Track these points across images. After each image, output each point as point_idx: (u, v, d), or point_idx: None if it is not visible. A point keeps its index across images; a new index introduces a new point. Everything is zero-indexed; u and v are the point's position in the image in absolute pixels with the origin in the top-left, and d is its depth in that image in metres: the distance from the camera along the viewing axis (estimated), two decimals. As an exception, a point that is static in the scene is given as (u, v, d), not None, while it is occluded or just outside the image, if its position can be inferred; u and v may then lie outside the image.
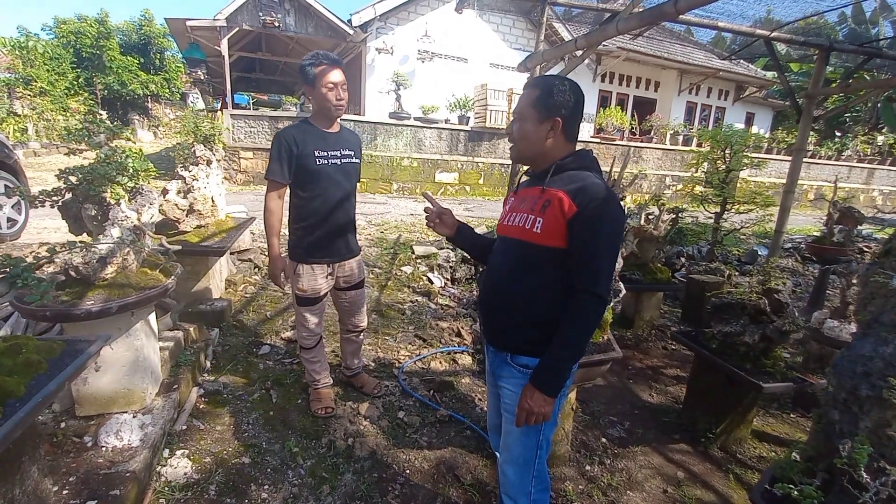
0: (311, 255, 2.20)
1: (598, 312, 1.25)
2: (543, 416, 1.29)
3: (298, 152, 2.05)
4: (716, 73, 13.32)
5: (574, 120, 1.36)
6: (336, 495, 1.93)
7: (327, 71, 2.00)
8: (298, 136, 2.06)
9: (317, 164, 2.08)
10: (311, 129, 2.12)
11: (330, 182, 2.12)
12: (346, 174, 2.19)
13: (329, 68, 2.00)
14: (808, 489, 1.13)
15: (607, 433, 2.63)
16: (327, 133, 2.14)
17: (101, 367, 1.94)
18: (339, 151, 2.14)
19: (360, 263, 2.42)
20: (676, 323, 4.51)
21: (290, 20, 9.80)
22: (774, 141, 13.51)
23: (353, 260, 2.35)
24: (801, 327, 2.43)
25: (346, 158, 2.17)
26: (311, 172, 2.08)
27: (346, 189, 2.20)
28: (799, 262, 6.37)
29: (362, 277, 2.44)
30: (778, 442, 2.66)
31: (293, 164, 2.06)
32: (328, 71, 2.00)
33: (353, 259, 2.34)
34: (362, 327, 2.55)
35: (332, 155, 2.12)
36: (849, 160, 14.18)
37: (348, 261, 2.32)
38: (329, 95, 2.03)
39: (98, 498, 1.57)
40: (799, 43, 4.15)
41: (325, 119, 2.14)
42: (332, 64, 2.01)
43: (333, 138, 2.15)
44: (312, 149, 2.07)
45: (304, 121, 2.16)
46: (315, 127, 2.13)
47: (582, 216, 1.23)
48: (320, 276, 2.23)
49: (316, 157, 2.08)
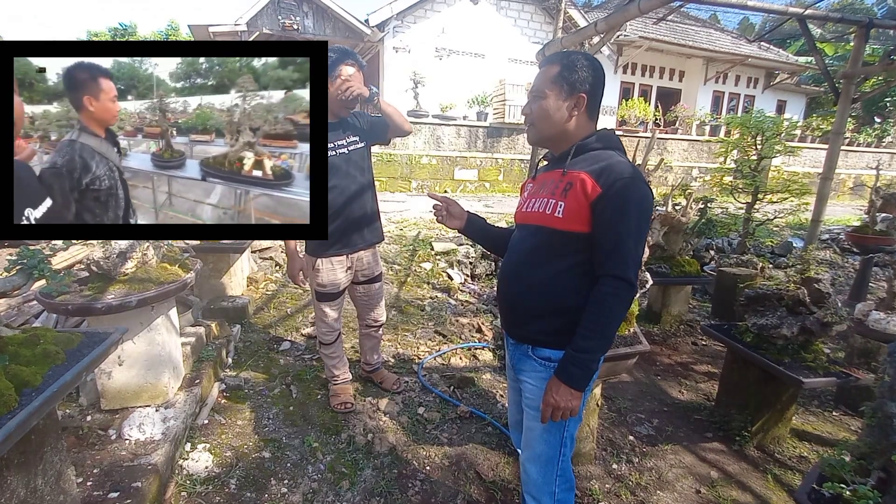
0: (329, 248, 2.18)
1: (626, 299, 1.17)
2: (570, 412, 1.21)
3: None
4: (744, 60, 12.83)
5: (596, 96, 1.29)
6: (356, 491, 1.91)
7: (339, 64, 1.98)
8: None
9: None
10: None
11: (339, 173, 2.09)
12: (356, 162, 2.15)
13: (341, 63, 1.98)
14: (863, 488, 1.03)
15: (635, 431, 2.53)
16: (332, 123, 2.09)
17: (125, 362, 1.97)
18: (345, 139, 2.11)
19: (377, 256, 2.39)
20: (706, 318, 4.33)
21: (308, 22, 9.92)
22: (808, 128, 12.91)
23: (370, 251, 2.32)
24: (844, 318, 2.28)
25: (352, 146, 2.13)
26: None
27: (360, 177, 2.16)
28: (837, 254, 6.05)
29: (380, 271, 2.41)
30: (820, 441, 2.51)
31: None
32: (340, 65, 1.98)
33: (370, 248, 2.31)
34: (381, 322, 2.52)
35: (338, 144, 2.08)
36: (890, 147, 13.45)
37: (365, 251, 2.29)
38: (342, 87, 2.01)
39: (121, 490, 1.59)
40: (836, 20, 3.92)
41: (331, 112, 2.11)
42: (345, 59, 1.99)
43: (339, 126, 2.10)
44: None
45: None
46: None
47: (606, 197, 1.16)
48: (339, 269, 2.21)
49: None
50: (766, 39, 13.26)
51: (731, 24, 14.09)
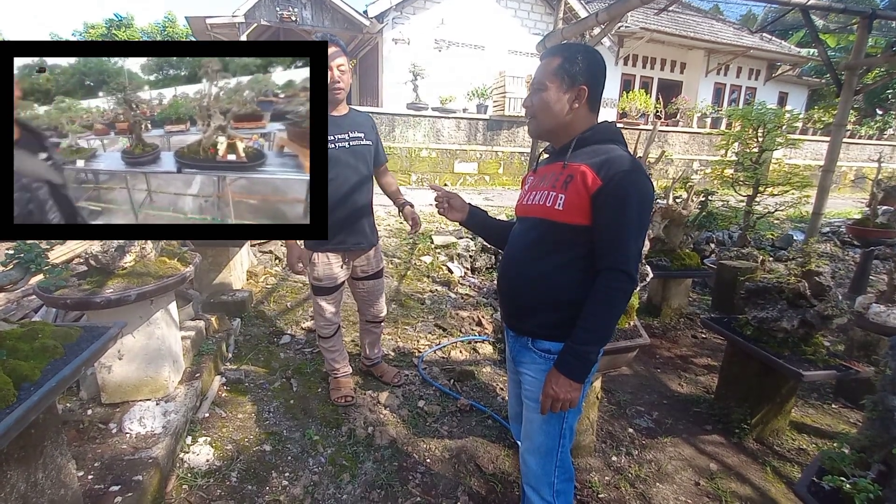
0: (326, 243, 2.17)
1: (625, 291, 1.16)
2: (570, 403, 1.21)
3: None
4: (746, 52, 12.71)
5: (597, 89, 1.28)
6: (356, 483, 1.92)
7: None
8: None
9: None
10: None
11: (339, 165, 2.07)
12: (358, 157, 2.13)
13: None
14: (863, 482, 1.03)
15: (634, 423, 2.53)
16: (335, 117, 2.10)
17: (125, 356, 1.96)
18: (348, 134, 2.09)
19: (378, 253, 2.38)
20: (706, 311, 4.33)
21: (306, 14, 9.82)
22: (810, 120, 12.84)
23: (368, 249, 2.30)
24: (844, 311, 2.27)
25: (355, 141, 2.12)
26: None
27: (360, 173, 2.15)
28: (838, 247, 6.04)
29: (380, 267, 2.39)
30: (819, 434, 2.52)
31: None
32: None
33: (367, 247, 2.29)
34: (381, 317, 2.51)
35: (339, 138, 2.07)
36: (891, 139, 13.37)
37: (363, 249, 2.27)
38: None
39: (122, 483, 1.59)
40: (838, 11, 3.88)
41: (329, 103, 2.09)
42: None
43: (343, 121, 2.10)
44: None
45: None
46: None
47: (606, 189, 1.15)
48: (335, 264, 2.20)
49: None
50: (768, 30, 13.14)
51: (733, 16, 13.95)
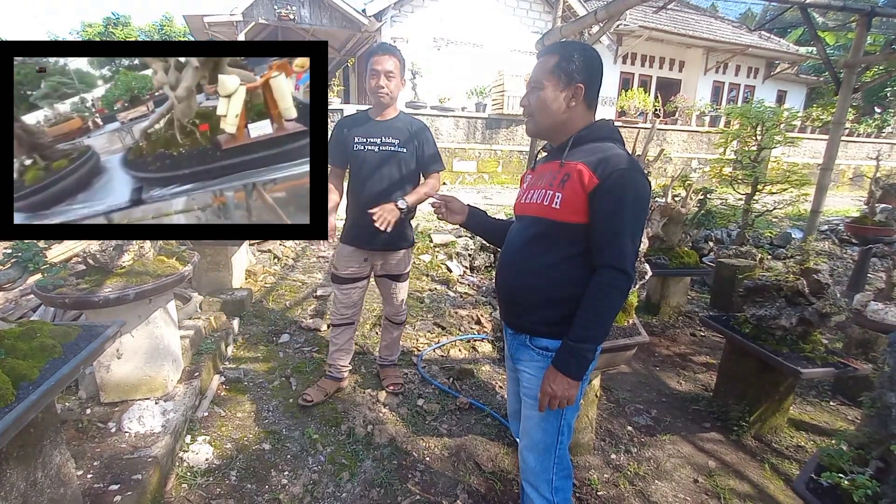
0: (346, 236, 2.27)
1: (623, 289, 1.17)
2: (568, 401, 1.22)
3: (345, 137, 2.16)
4: (744, 50, 12.72)
5: (595, 87, 1.28)
6: (356, 482, 1.92)
7: (370, 57, 2.10)
8: (349, 123, 2.19)
9: (354, 148, 2.14)
10: (363, 116, 2.22)
11: (365, 167, 2.13)
12: (386, 162, 2.14)
13: (372, 54, 2.09)
14: (861, 478, 1.04)
15: (633, 421, 2.54)
16: (376, 121, 2.17)
17: (123, 355, 1.96)
18: (381, 139, 2.13)
19: (407, 256, 2.36)
20: (705, 309, 4.34)
21: (304, 12, 9.80)
22: (809, 119, 12.84)
23: (398, 251, 2.29)
24: (843, 309, 2.28)
25: (385, 146, 2.13)
26: (351, 156, 2.16)
27: (388, 177, 2.14)
28: (836, 245, 6.06)
29: (401, 271, 2.35)
30: (817, 431, 2.52)
31: (340, 147, 2.17)
32: (371, 57, 2.09)
33: (395, 250, 2.27)
34: (398, 320, 2.50)
35: (370, 141, 2.12)
36: (890, 137, 13.39)
37: (388, 252, 2.26)
38: (370, 81, 2.11)
39: (121, 482, 1.59)
40: (837, 8, 3.88)
41: (374, 106, 2.19)
42: (376, 51, 2.09)
43: (379, 126, 2.15)
44: (355, 134, 2.15)
45: (366, 110, 2.26)
46: (366, 114, 2.22)
47: (603, 187, 1.15)
48: (354, 258, 2.26)
49: (354, 142, 2.14)
50: (766, 28, 13.15)
51: (732, 14, 13.94)
